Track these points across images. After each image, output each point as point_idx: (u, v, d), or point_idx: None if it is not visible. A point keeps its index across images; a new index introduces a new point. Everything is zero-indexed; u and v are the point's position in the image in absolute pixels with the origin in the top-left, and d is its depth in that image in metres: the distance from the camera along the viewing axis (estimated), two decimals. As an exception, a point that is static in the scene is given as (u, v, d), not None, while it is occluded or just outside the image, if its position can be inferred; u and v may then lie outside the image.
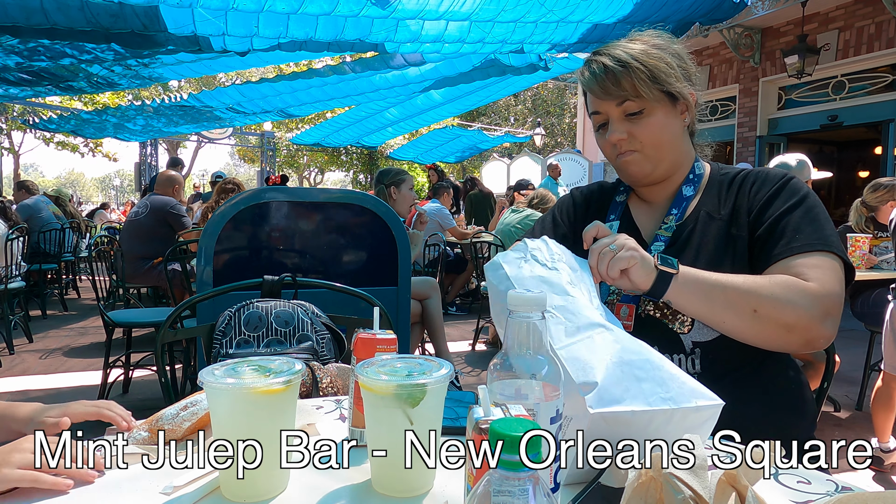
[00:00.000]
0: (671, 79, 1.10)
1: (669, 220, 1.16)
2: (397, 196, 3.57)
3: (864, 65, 7.42)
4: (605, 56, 1.11)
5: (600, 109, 1.14)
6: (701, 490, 0.54)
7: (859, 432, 3.03)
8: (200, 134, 14.18)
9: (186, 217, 4.63)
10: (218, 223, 2.08)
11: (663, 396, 0.70)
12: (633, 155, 1.13)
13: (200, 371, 0.69)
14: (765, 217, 1.07)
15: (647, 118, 1.11)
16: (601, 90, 1.11)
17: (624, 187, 1.29)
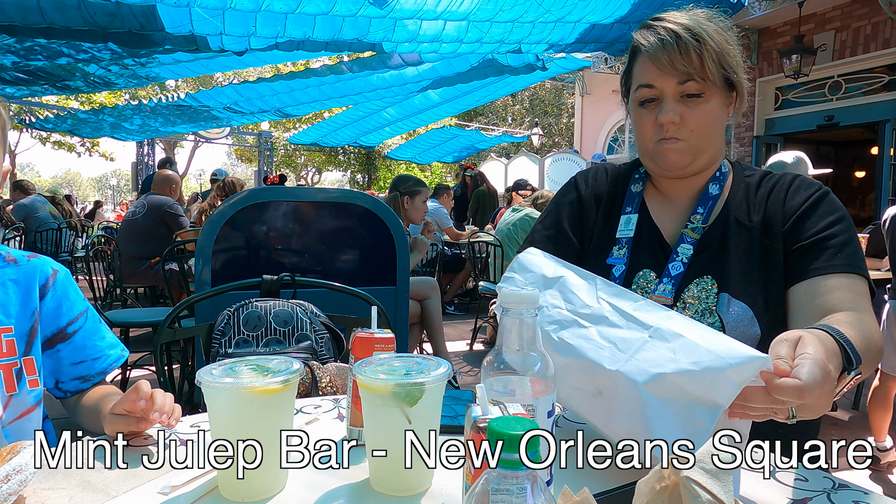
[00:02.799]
0: (736, 65, 1.02)
1: (696, 221, 1.08)
2: (410, 207, 3.61)
3: (861, 65, 7.44)
4: (674, 24, 1.00)
5: (656, 84, 1.03)
6: (722, 494, 0.53)
7: (857, 432, 3.04)
8: (197, 133, 14.15)
9: (184, 217, 4.62)
10: (216, 223, 2.08)
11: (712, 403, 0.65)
12: (678, 143, 1.04)
13: (198, 371, 0.69)
14: (803, 229, 1.01)
15: (704, 104, 1.02)
16: (668, 61, 0.99)
17: (640, 175, 1.18)
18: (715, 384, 0.64)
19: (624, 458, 0.74)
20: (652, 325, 0.75)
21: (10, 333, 0.96)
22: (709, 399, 0.64)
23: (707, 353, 0.66)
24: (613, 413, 0.72)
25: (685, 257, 1.05)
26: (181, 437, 0.86)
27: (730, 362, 0.64)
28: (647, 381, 0.68)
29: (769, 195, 1.07)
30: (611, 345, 0.74)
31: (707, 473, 0.55)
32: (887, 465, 2.72)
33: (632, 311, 0.77)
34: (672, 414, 0.66)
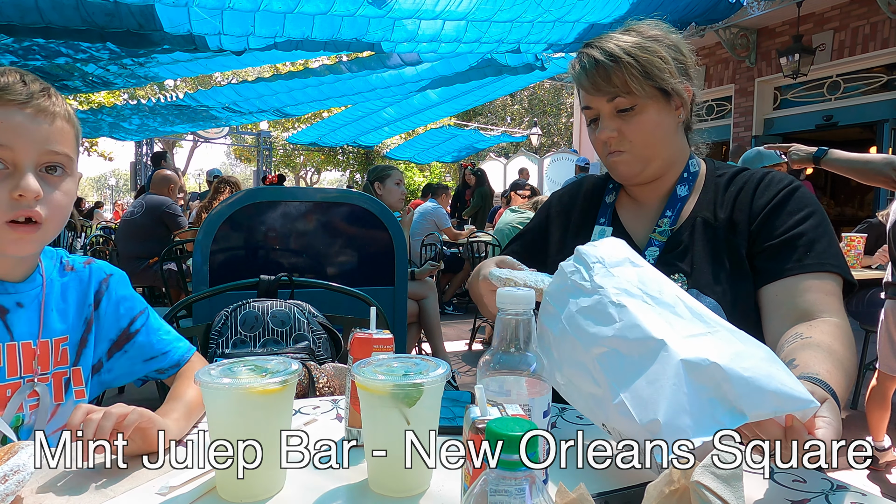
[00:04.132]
0: (665, 74, 1.05)
1: (663, 224, 1.11)
2: (382, 191, 3.57)
3: (859, 65, 7.46)
4: (595, 49, 1.06)
5: (591, 105, 1.10)
6: (732, 499, 0.53)
7: (855, 431, 3.05)
8: (196, 133, 14.15)
9: (182, 217, 4.61)
10: (214, 223, 2.08)
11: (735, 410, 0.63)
12: (622, 155, 1.09)
13: (196, 371, 0.69)
14: (773, 227, 1.02)
15: (638, 115, 1.06)
16: (591, 86, 1.07)
17: (613, 185, 1.23)
18: (751, 396, 0.62)
19: (624, 458, 0.74)
20: (718, 327, 0.71)
21: (65, 342, 0.95)
22: (737, 406, 0.63)
23: (760, 368, 0.64)
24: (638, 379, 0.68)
25: (651, 259, 1.07)
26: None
27: (778, 387, 0.62)
28: (688, 358, 0.65)
29: (738, 193, 1.09)
30: (667, 323, 0.71)
31: (717, 478, 0.54)
32: (885, 465, 2.73)
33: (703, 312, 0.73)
34: (695, 399, 0.64)
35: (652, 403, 0.66)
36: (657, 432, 0.64)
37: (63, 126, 0.87)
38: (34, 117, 0.83)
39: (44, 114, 0.84)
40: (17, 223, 0.82)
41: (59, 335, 0.95)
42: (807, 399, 0.62)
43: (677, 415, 0.63)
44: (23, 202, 0.81)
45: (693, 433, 0.62)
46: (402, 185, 3.64)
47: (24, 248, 0.86)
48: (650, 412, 0.66)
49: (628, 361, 0.69)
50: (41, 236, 0.85)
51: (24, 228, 0.82)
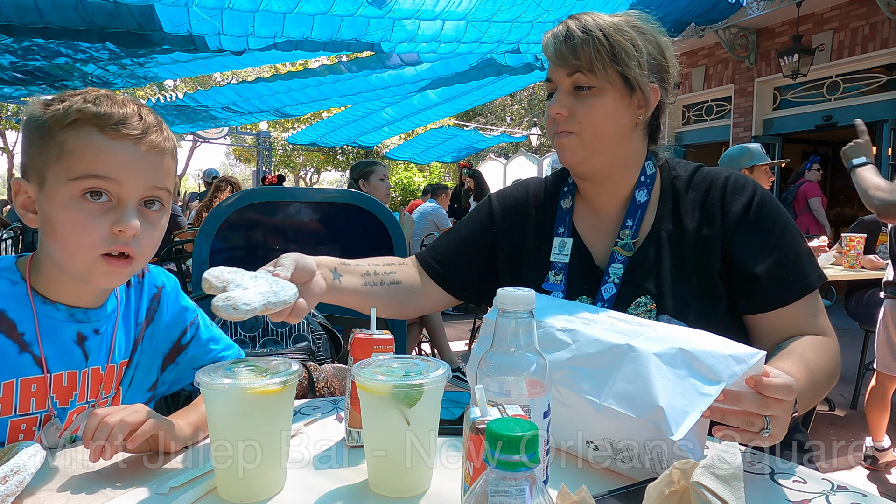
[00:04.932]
0: (633, 62, 0.98)
1: (625, 236, 1.04)
2: (367, 188, 3.56)
3: (859, 65, 7.46)
4: (573, 20, 1.02)
5: (552, 77, 1.04)
6: (732, 500, 0.53)
7: (854, 431, 3.05)
8: (196, 133, 14.13)
9: (181, 217, 4.62)
10: (214, 223, 2.08)
11: (709, 380, 0.70)
12: (569, 137, 1.02)
13: (197, 372, 0.69)
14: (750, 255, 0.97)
15: (594, 98, 0.99)
16: (556, 55, 1.01)
17: (568, 187, 1.15)
18: (719, 364, 0.70)
19: (623, 457, 0.74)
20: (653, 325, 0.79)
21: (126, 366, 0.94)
22: (712, 376, 0.70)
23: (711, 342, 0.74)
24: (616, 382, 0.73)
25: (616, 278, 1.02)
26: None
27: (731, 351, 0.72)
28: (657, 352, 0.73)
29: (703, 200, 1.03)
30: (618, 333, 0.78)
31: (717, 479, 0.55)
32: (885, 465, 2.73)
33: (634, 319, 0.82)
34: (679, 382, 0.71)
35: (644, 396, 0.71)
36: (661, 418, 0.68)
37: (170, 163, 0.87)
38: (146, 154, 0.82)
39: (156, 150, 0.83)
40: (110, 256, 0.80)
41: (124, 358, 0.93)
42: (753, 351, 0.72)
43: (673, 397, 0.69)
44: (121, 238, 0.80)
45: (690, 408, 0.68)
46: (386, 179, 3.63)
47: (114, 282, 0.86)
48: (647, 403, 0.70)
49: (596, 373, 0.75)
50: (131, 271, 0.84)
51: (116, 263, 0.81)
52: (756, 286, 0.97)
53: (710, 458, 0.56)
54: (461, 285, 1.18)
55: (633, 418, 0.70)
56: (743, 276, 0.98)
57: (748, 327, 1.02)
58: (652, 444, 0.70)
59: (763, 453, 0.82)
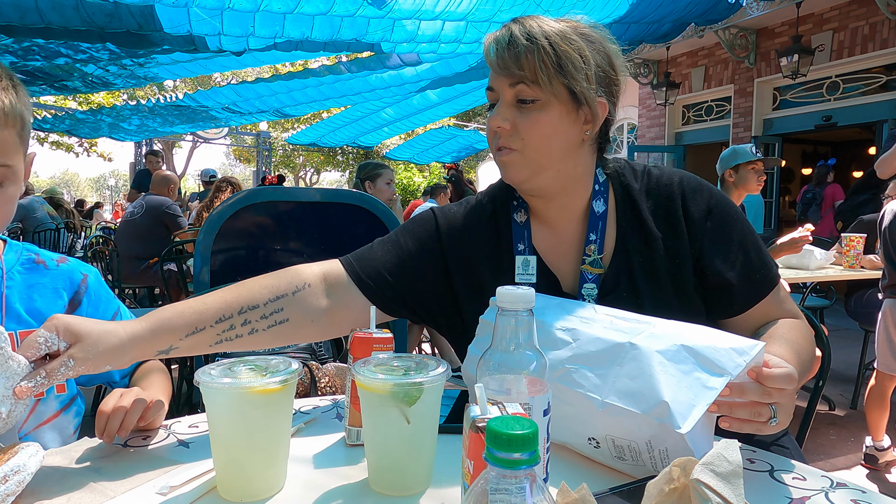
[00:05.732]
0: (580, 75, 0.91)
1: (592, 252, 0.98)
2: (373, 191, 3.55)
3: (858, 65, 7.46)
4: (517, 24, 0.93)
5: (494, 86, 0.96)
6: (732, 497, 0.53)
7: (854, 431, 3.05)
8: (196, 134, 14.15)
9: (182, 217, 4.62)
10: (215, 223, 2.08)
11: (714, 373, 0.70)
12: (511, 154, 0.95)
13: (196, 371, 0.69)
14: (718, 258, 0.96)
15: (538, 112, 0.93)
16: (498, 63, 0.93)
17: (519, 202, 1.05)
18: (722, 357, 0.71)
19: (624, 455, 0.74)
20: (654, 321, 0.80)
21: None
22: (716, 369, 0.71)
23: (711, 336, 0.75)
24: (619, 379, 0.73)
25: (592, 298, 0.97)
26: (180, 437, 0.86)
27: (731, 344, 0.73)
28: (660, 349, 0.73)
29: (664, 208, 0.99)
30: (619, 331, 0.79)
31: (717, 476, 0.55)
32: (885, 465, 2.73)
33: (632, 316, 0.82)
34: (683, 377, 0.71)
35: (648, 392, 0.71)
36: (666, 413, 0.69)
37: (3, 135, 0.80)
38: None
39: None
40: None
41: (27, 329, 0.93)
42: (753, 343, 0.73)
43: (677, 392, 0.70)
44: None
45: (696, 401, 0.68)
46: (392, 184, 3.64)
47: None
48: (652, 399, 0.70)
49: (598, 371, 0.75)
50: None
51: None
52: (731, 292, 0.97)
53: (710, 456, 0.56)
54: (397, 305, 1.03)
55: (636, 414, 0.70)
56: (718, 284, 0.97)
57: (723, 328, 0.98)
58: (655, 441, 0.70)
59: (763, 451, 0.82)
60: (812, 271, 3.21)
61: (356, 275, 1.01)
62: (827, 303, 3.78)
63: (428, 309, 1.06)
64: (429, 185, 7.34)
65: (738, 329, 0.98)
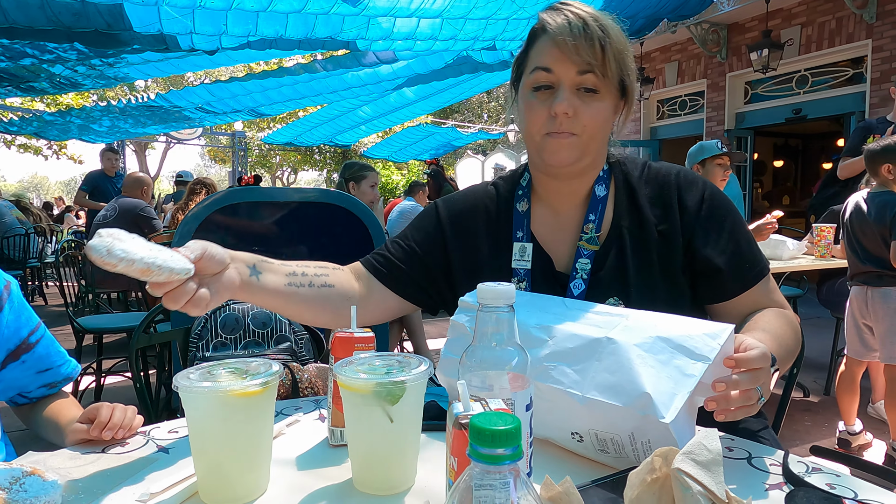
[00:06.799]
0: (631, 70, 0.98)
1: (589, 230, 1.03)
2: (356, 192, 3.52)
3: (826, 59, 7.62)
4: (583, 12, 0.95)
5: (555, 69, 0.95)
6: (712, 485, 0.54)
7: (828, 417, 3.12)
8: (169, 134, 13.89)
9: (157, 219, 4.54)
10: (190, 225, 2.05)
11: (692, 360, 0.72)
12: (570, 138, 0.97)
13: (176, 375, 0.68)
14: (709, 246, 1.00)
15: (598, 101, 0.96)
16: (572, 47, 0.93)
17: (523, 190, 1.10)
18: (697, 344, 0.73)
19: (607, 448, 0.75)
20: (627, 313, 0.81)
21: None
22: (694, 357, 0.72)
23: (684, 325, 0.76)
24: (598, 374, 0.74)
25: (584, 273, 1.01)
26: (159, 443, 0.85)
27: (703, 330, 0.74)
28: (637, 343, 0.74)
29: (658, 196, 1.04)
30: (595, 326, 0.79)
31: (698, 465, 0.56)
32: (858, 448, 2.80)
33: (605, 309, 0.83)
34: (663, 368, 0.72)
35: (629, 385, 0.72)
36: (649, 404, 0.69)
37: None
38: None
39: None
40: None
41: None
42: (723, 326, 0.74)
43: (658, 382, 0.71)
44: None
45: (677, 390, 0.69)
46: (376, 187, 3.62)
47: None
48: (633, 391, 0.71)
49: (577, 367, 0.76)
50: None
51: None
52: (720, 277, 1.00)
53: (691, 445, 0.57)
54: (413, 290, 1.11)
55: (619, 407, 0.71)
56: (707, 269, 1.00)
57: (712, 315, 1.05)
58: (638, 433, 0.71)
59: (741, 439, 0.84)
60: (785, 261, 3.28)
61: (372, 265, 1.10)
62: (800, 292, 3.86)
63: (441, 295, 1.12)
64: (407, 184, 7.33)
65: (726, 316, 1.02)
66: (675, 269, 1.00)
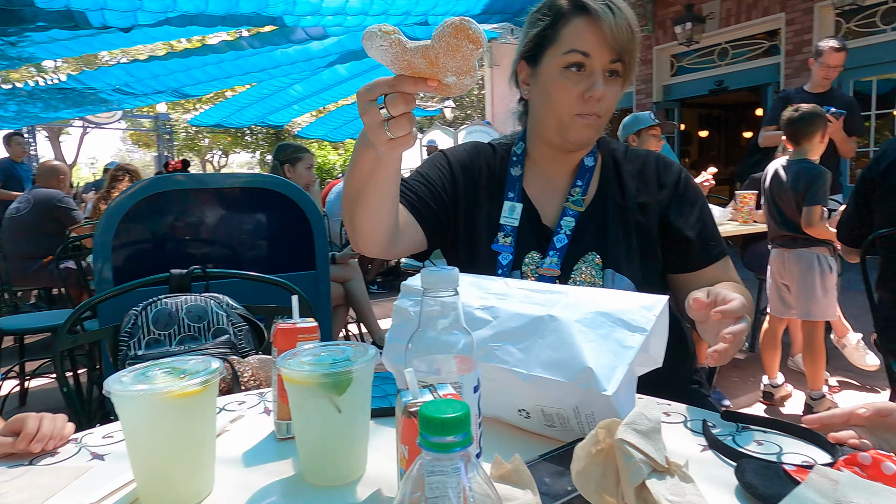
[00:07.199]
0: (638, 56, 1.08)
1: (576, 194, 1.13)
2: (292, 175, 3.42)
3: (745, 32, 7.97)
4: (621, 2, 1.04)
5: (592, 53, 1.02)
6: (653, 452, 0.56)
7: (753, 372, 3.34)
8: (85, 119, 13.03)
9: (77, 210, 4.27)
10: (114, 216, 1.94)
11: (631, 332, 0.74)
12: (596, 120, 1.07)
13: (107, 379, 0.65)
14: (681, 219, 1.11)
15: (618, 87, 1.06)
16: (611, 34, 1.01)
17: (518, 156, 1.19)
18: (635, 316, 0.75)
19: (554, 422, 0.77)
20: (567, 290, 0.82)
21: None
22: (633, 328, 0.74)
23: (622, 298, 0.78)
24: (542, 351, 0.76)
25: (568, 230, 1.10)
26: (93, 450, 0.81)
27: (639, 302, 0.77)
28: (578, 318, 0.76)
29: (639, 174, 1.15)
30: (536, 304, 0.80)
31: (639, 434, 0.58)
32: (780, 399, 3.01)
33: (546, 287, 0.84)
34: (603, 341, 0.74)
35: (571, 360, 0.73)
36: (591, 378, 0.71)
37: None
38: None
39: None
40: None
41: None
42: (658, 297, 0.77)
43: (599, 356, 0.72)
44: None
45: (617, 363, 0.72)
46: (311, 169, 3.52)
47: None
48: (576, 366, 0.73)
49: (521, 346, 0.77)
50: None
51: None
52: (688, 248, 1.10)
53: (632, 416, 0.59)
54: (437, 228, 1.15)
55: (562, 383, 0.73)
56: (678, 238, 1.11)
57: (678, 286, 1.13)
58: (582, 406, 0.73)
59: (677, 403, 0.88)
60: (712, 228, 3.44)
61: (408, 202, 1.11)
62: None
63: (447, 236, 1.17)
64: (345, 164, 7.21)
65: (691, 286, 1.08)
66: (651, 237, 1.11)
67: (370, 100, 0.76)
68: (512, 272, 1.10)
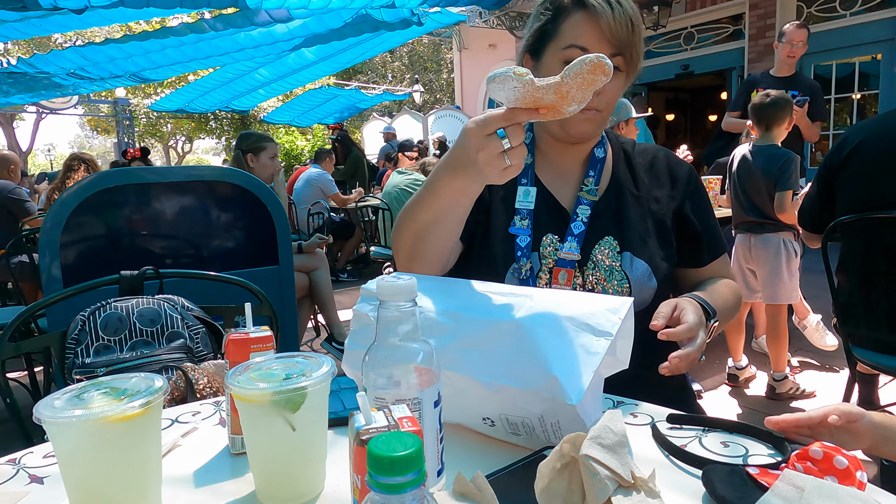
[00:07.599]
0: (643, 49, 1.08)
1: (589, 183, 1.14)
2: (255, 165, 3.30)
3: (710, 16, 8.04)
4: None
5: (591, 48, 1.01)
6: (619, 468, 0.54)
7: (719, 354, 3.40)
8: (39, 104, 12.50)
9: (30, 201, 4.09)
10: (61, 211, 1.84)
11: (596, 336, 0.71)
12: (596, 114, 1.07)
13: (36, 405, 0.60)
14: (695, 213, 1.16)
15: (619, 80, 1.05)
16: (609, 30, 1.00)
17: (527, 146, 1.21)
18: (600, 321, 0.73)
19: (519, 430, 0.75)
20: (531, 293, 0.79)
21: None
22: (598, 334, 0.72)
23: (588, 302, 0.75)
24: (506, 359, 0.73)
25: (584, 217, 1.11)
26: (32, 473, 0.76)
27: (604, 305, 0.75)
28: (543, 324, 0.73)
29: (650, 167, 1.18)
30: (500, 309, 0.78)
31: (604, 449, 0.56)
32: (744, 381, 3.08)
33: (510, 290, 0.81)
34: (568, 348, 0.71)
35: (536, 369, 0.71)
36: (556, 387, 0.69)
37: None
38: None
39: None
40: None
41: None
42: (622, 300, 0.75)
43: (564, 364, 0.70)
44: None
45: (583, 370, 0.69)
46: (276, 159, 3.41)
47: None
48: (542, 375, 0.70)
49: (485, 353, 0.74)
50: None
51: None
52: (699, 242, 1.16)
53: (597, 429, 0.57)
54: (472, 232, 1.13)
55: (527, 392, 0.70)
56: (691, 232, 1.15)
57: (683, 280, 1.19)
58: (548, 415, 0.71)
59: (645, 404, 0.87)
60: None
61: None
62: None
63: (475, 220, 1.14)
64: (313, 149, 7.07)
65: (694, 280, 1.18)
66: (666, 227, 1.13)
67: (487, 134, 0.79)
68: (531, 254, 1.10)
